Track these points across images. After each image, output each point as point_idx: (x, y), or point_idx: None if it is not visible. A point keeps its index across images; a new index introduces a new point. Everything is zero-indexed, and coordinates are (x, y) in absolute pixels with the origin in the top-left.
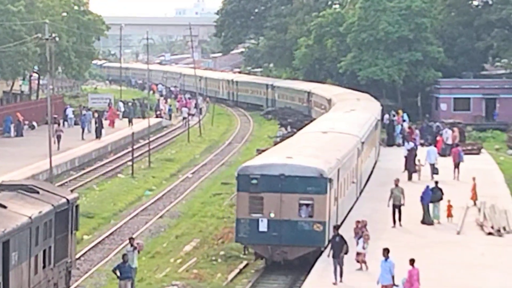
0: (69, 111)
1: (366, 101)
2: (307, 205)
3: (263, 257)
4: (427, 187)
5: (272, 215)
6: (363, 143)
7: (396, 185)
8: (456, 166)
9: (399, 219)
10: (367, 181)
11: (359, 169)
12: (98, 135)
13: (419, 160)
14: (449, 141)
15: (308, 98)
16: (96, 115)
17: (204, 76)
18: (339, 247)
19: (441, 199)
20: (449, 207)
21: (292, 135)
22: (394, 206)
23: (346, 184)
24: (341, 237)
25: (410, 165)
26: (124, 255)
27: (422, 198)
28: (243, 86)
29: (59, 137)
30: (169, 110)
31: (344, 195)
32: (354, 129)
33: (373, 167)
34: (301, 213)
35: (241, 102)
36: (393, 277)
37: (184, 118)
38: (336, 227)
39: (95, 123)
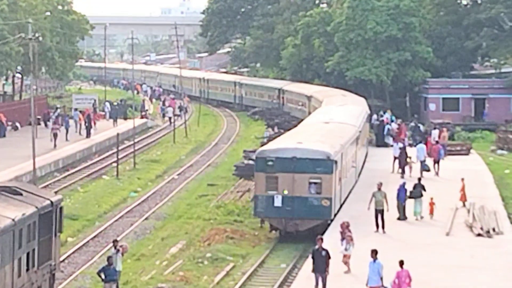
0: (57, 112)
1: (352, 97)
2: (315, 183)
3: (277, 229)
4: (403, 184)
5: (285, 192)
6: (360, 132)
7: (379, 189)
8: (436, 162)
9: (382, 225)
10: (361, 168)
11: (357, 155)
12: (88, 134)
13: (410, 158)
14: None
15: (279, 95)
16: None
17: (177, 75)
18: (324, 261)
19: (421, 195)
20: (431, 204)
21: (279, 135)
22: (377, 211)
23: (348, 167)
24: (327, 251)
25: (402, 163)
26: (109, 258)
27: (397, 195)
28: (213, 84)
29: (55, 135)
30: (162, 109)
31: (346, 176)
32: (351, 120)
33: (364, 160)
34: (311, 190)
35: (211, 99)
36: (381, 279)
37: (169, 118)
38: (320, 239)
39: (84, 122)
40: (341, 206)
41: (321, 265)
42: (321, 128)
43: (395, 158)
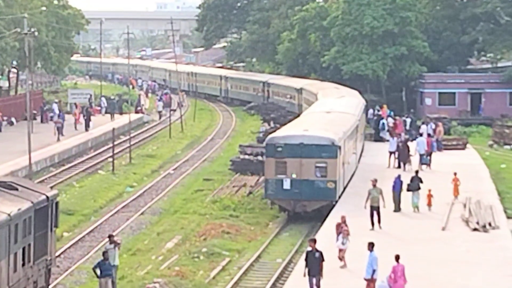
0: (55, 106)
1: (346, 90)
2: (321, 167)
3: (286, 210)
4: (398, 176)
5: (294, 175)
6: (359, 121)
7: (374, 186)
8: (428, 155)
9: (379, 222)
10: (360, 157)
11: (357, 142)
12: (87, 127)
13: (410, 154)
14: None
15: (264, 88)
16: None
17: (168, 69)
18: (317, 263)
19: (419, 188)
20: (429, 196)
21: (275, 130)
22: (372, 208)
23: (349, 153)
24: (321, 253)
25: (404, 156)
26: (104, 252)
27: (393, 187)
28: (200, 77)
29: (59, 129)
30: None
31: (348, 162)
32: (350, 110)
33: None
34: (317, 174)
35: (200, 92)
36: (373, 271)
37: (159, 112)
38: (313, 241)
39: (83, 116)
40: (344, 188)
41: (315, 267)
42: (324, 117)
43: (390, 153)
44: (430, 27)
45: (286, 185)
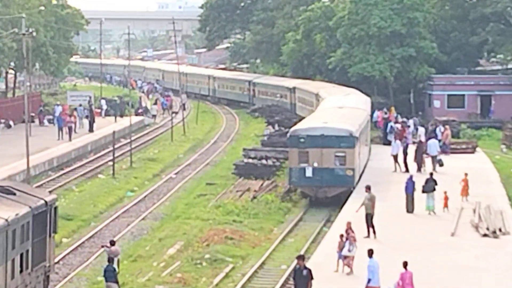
0: (58, 109)
1: (347, 89)
2: (340, 156)
3: (308, 196)
4: (410, 177)
5: (315, 164)
6: (369, 115)
7: (367, 192)
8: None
9: (373, 231)
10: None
11: (368, 134)
12: (91, 129)
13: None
14: (439, 138)
15: (250, 88)
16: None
17: (161, 69)
18: (305, 282)
19: (434, 189)
20: (446, 198)
21: (280, 134)
22: (367, 215)
23: (363, 144)
24: (309, 271)
25: (419, 158)
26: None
27: (406, 188)
28: (191, 77)
29: (70, 129)
30: (164, 104)
31: (363, 152)
32: (361, 105)
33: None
34: (336, 162)
35: (190, 92)
36: (369, 280)
37: (153, 116)
38: (301, 257)
39: (86, 117)
40: (360, 176)
41: (303, 285)
42: (338, 111)
43: (394, 157)
44: (438, 27)
45: (308, 173)
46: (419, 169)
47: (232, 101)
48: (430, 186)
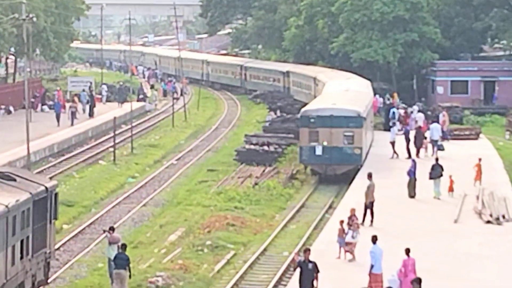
0: (60, 94)
1: (344, 73)
2: (348, 135)
3: (317, 173)
4: (413, 161)
5: (325, 143)
6: (372, 97)
7: (368, 179)
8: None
9: (371, 218)
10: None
11: (372, 117)
12: (91, 114)
13: (425, 138)
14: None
15: (241, 72)
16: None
17: (158, 54)
18: (310, 275)
19: (441, 175)
20: (451, 182)
21: (282, 120)
22: (370, 203)
23: (369, 125)
24: (315, 264)
25: (419, 143)
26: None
27: (409, 172)
28: (186, 62)
29: (73, 113)
30: (173, 88)
31: (369, 132)
32: (364, 88)
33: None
34: (345, 141)
35: (185, 76)
36: (372, 266)
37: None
38: (307, 250)
39: (87, 102)
40: (366, 155)
41: (308, 279)
42: (344, 94)
43: (391, 143)
44: (442, 12)
45: (318, 151)
46: (417, 154)
47: (224, 85)
48: (437, 171)
